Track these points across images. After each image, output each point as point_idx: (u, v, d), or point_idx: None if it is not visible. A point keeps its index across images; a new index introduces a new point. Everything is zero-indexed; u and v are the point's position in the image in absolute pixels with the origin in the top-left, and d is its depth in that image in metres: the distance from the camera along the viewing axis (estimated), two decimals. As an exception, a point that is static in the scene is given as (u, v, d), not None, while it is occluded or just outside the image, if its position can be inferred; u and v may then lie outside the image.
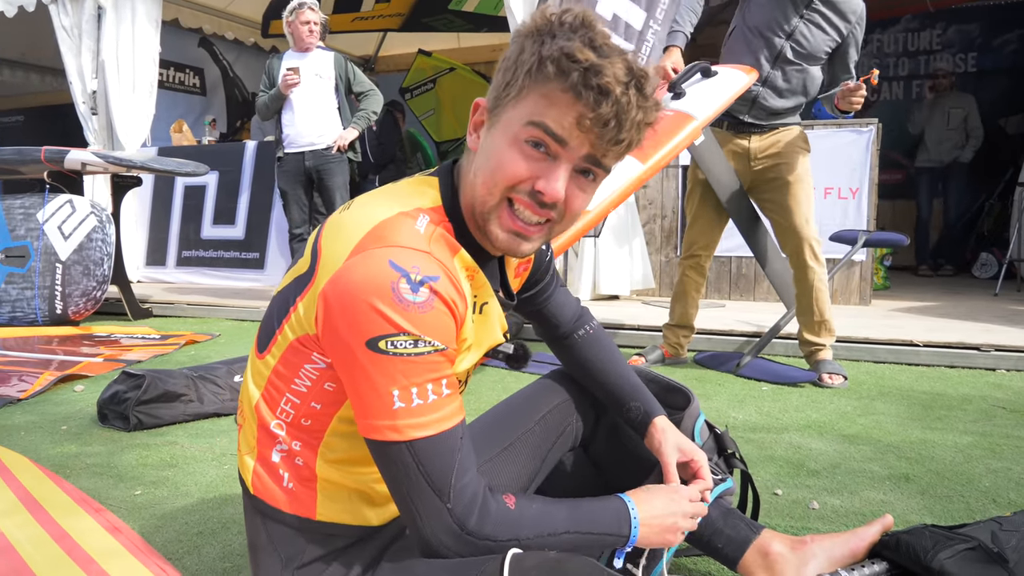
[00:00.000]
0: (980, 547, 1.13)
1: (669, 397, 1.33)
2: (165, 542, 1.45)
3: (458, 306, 0.85)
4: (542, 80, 0.83)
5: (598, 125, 0.82)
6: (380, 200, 0.90)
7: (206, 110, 7.40)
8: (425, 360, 0.81)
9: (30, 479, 1.64)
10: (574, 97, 0.81)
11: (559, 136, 0.83)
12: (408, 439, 0.82)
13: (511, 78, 0.85)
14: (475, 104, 0.92)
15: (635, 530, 0.95)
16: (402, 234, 0.84)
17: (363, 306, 0.79)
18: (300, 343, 0.89)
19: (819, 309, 2.76)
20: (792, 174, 2.70)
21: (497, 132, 0.87)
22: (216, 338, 3.85)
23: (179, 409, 2.31)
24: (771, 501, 1.65)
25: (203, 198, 5.63)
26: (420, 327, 0.80)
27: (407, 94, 8.40)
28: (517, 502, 0.89)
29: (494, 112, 0.88)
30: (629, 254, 4.61)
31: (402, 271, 0.80)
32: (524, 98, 0.84)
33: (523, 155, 0.85)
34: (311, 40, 4.29)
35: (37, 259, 4.07)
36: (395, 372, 0.80)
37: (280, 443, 0.94)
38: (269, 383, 0.94)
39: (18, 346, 3.54)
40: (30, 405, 2.54)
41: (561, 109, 0.82)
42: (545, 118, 0.83)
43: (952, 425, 2.22)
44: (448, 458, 0.83)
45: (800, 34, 2.60)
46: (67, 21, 5.54)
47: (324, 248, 0.87)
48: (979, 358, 3.00)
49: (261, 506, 0.96)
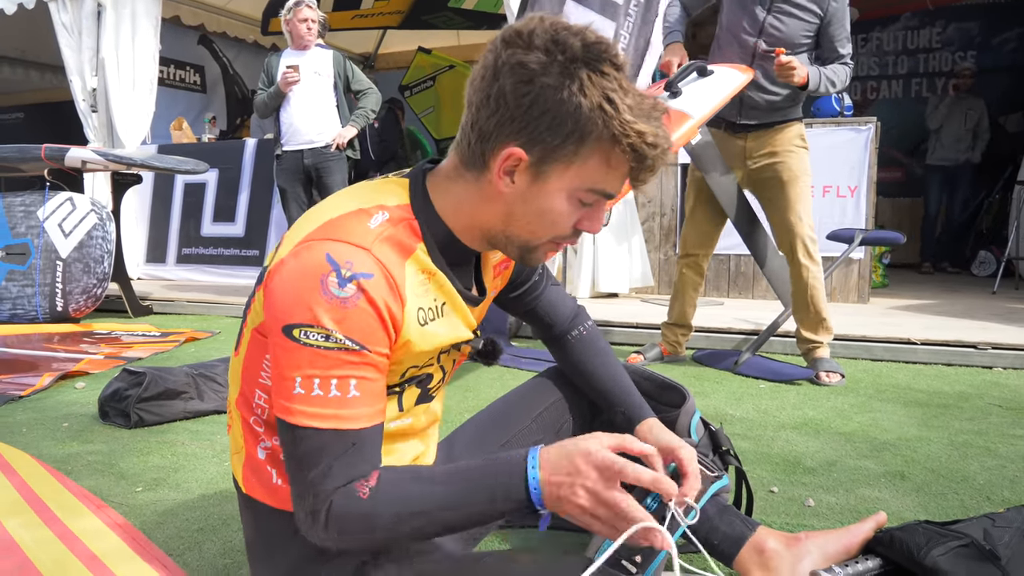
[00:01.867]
0: (973, 544, 1.14)
1: (664, 395, 1.35)
2: (166, 539, 1.46)
3: (390, 307, 0.84)
4: (604, 148, 0.85)
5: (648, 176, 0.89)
6: (347, 196, 0.92)
7: (206, 108, 7.41)
8: (333, 356, 0.82)
9: (32, 476, 1.65)
10: (633, 161, 0.86)
11: (612, 195, 0.90)
12: (297, 424, 0.83)
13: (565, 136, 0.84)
14: (510, 153, 0.86)
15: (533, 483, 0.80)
16: (348, 230, 0.85)
17: (289, 293, 0.82)
18: (259, 332, 0.92)
19: (815, 307, 2.78)
20: (787, 172, 2.71)
21: (548, 188, 0.88)
22: (216, 335, 3.86)
23: (180, 406, 2.33)
24: (767, 498, 1.66)
25: (203, 195, 5.64)
26: (337, 322, 0.81)
27: (407, 92, 8.40)
28: (374, 489, 0.82)
29: (541, 165, 0.86)
30: (628, 252, 4.62)
31: (335, 265, 0.82)
32: (584, 161, 0.86)
33: (577, 208, 0.90)
34: (309, 38, 4.29)
35: (38, 256, 4.08)
36: (301, 361, 0.82)
37: (263, 440, 0.96)
38: (242, 379, 0.96)
39: (19, 343, 3.55)
40: (31, 402, 2.55)
41: (618, 170, 0.87)
42: (605, 185, 0.88)
43: (948, 423, 2.24)
44: (322, 455, 0.82)
45: (771, 27, 2.60)
46: (67, 18, 5.54)
47: (284, 240, 0.90)
48: (976, 356, 3.01)
49: (253, 504, 0.97)
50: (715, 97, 2.50)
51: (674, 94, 2.55)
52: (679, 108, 2.48)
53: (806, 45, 2.65)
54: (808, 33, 2.62)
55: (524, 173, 0.88)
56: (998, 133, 6.55)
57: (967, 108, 6.24)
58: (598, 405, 1.24)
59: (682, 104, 2.49)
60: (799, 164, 2.72)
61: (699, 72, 2.58)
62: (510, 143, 0.86)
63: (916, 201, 6.95)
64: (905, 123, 6.95)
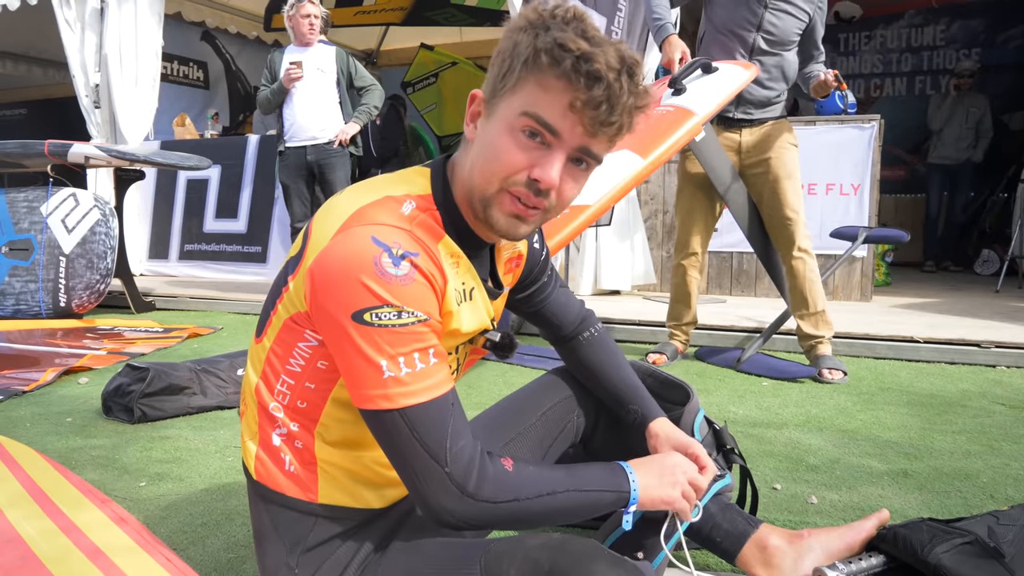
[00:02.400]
0: (977, 541, 1.14)
1: (668, 392, 1.35)
2: (170, 533, 1.46)
3: (437, 279, 0.88)
4: (537, 70, 0.85)
5: (590, 108, 0.84)
6: (371, 186, 0.94)
7: (209, 104, 7.41)
8: (409, 330, 0.84)
9: (36, 470, 1.66)
10: (567, 83, 0.84)
11: (552, 126, 0.86)
12: (400, 407, 0.84)
13: (507, 69, 0.88)
14: (472, 95, 0.94)
15: (634, 483, 0.96)
16: (385, 214, 0.88)
17: (348, 280, 0.83)
18: (293, 321, 0.92)
19: (813, 300, 2.79)
20: (782, 168, 2.75)
21: (494, 123, 0.89)
22: (219, 331, 3.86)
23: (183, 402, 2.33)
24: (770, 496, 1.66)
25: (205, 192, 5.65)
26: (402, 299, 0.83)
27: (409, 88, 8.40)
28: (515, 465, 0.90)
29: (491, 103, 0.91)
30: (630, 249, 4.62)
31: (384, 246, 0.83)
32: (519, 89, 0.87)
33: (519, 145, 0.87)
34: (312, 34, 4.29)
35: (41, 252, 4.09)
36: (381, 342, 0.83)
37: (280, 426, 0.96)
38: (266, 364, 0.96)
39: (22, 339, 3.56)
40: (35, 397, 2.56)
41: (554, 96, 0.85)
42: (538, 108, 0.85)
43: (951, 421, 2.23)
44: (441, 424, 0.86)
45: (769, 23, 2.66)
46: (70, 14, 5.54)
47: (314, 229, 0.91)
48: (979, 355, 3.01)
49: (264, 491, 0.98)
50: (720, 94, 2.49)
51: (678, 91, 2.54)
52: (683, 105, 2.48)
53: (795, 42, 2.73)
54: (799, 31, 2.72)
55: (483, 117, 0.92)
56: (1002, 131, 6.54)
57: (969, 106, 6.22)
58: (607, 404, 1.24)
59: (686, 101, 2.49)
60: (793, 161, 2.78)
61: (704, 69, 2.58)
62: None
63: (918, 199, 6.95)
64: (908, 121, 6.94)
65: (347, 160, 4.38)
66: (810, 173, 4.40)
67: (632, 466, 0.98)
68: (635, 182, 2.36)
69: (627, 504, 0.96)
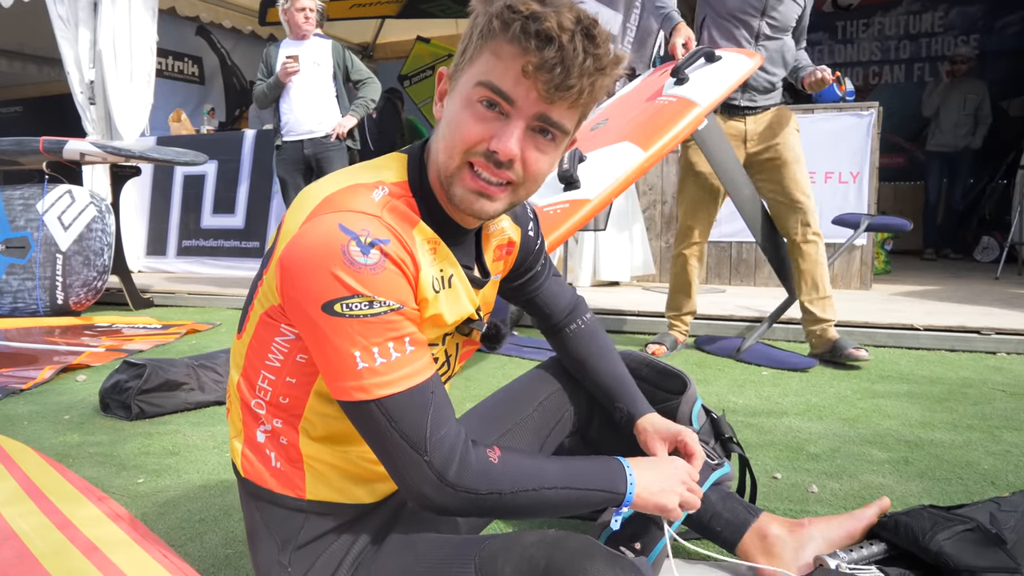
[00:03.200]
0: (979, 528, 1.14)
1: (665, 382, 1.34)
2: (167, 529, 1.46)
3: (408, 266, 0.85)
4: (490, 37, 0.83)
5: (543, 71, 0.80)
6: (343, 174, 0.92)
7: (204, 99, 7.38)
8: (382, 320, 0.82)
9: (33, 468, 1.65)
10: (518, 47, 0.81)
11: (506, 94, 0.83)
12: (375, 398, 0.83)
13: (467, 43, 0.87)
14: (439, 74, 0.92)
15: (631, 486, 0.94)
16: (353, 201, 0.86)
17: (316, 270, 0.81)
18: (268, 316, 0.91)
19: (823, 284, 2.81)
20: (790, 152, 2.76)
21: (455, 97, 0.88)
22: (217, 327, 3.86)
23: (180, 398, 2.32)
24: (770, 485, 1.65)
25: (203, 187, 5.63)
26: (373, 288, 0.81)
27: (406, 81, 8.37)
28: (501, 456, 0.88)
29: (453, 78, 0.89)
30: (629, 240, 4.61)
31: (351, 234, 0.81)
32: (475, 59, 0.85)
33: (476, 116, 0.85)
34: (307, 27, 4.26)
35: (37, 250, 4.07)
36: (353, 333, 0.81)
37: (263, 422, 0.95)
38: (246, 361, 0.95)
39: (20, 337, 3.55)
40: (32, 395, 2.55)
41: (507, 62, 0.82)
42: (491, 76, 0.83)
43: (952, 408, 2.23)
44: (420, 412, 0.84)
45: (772, 9, 2.70)
46: (63, 10, 5.51)
47: (285, 221, 0.89)
48: (979, 342, 3.00)
49: (253, 489, 0.97)
50: (723, 83, 2.47)
51: (680, 81, 2.52)
52: (686, 96, 2.46)
53: (793, 27, 2.78)
54: (796, 17, 2.76)
55: (448, 93, 0.90)
56: (1001, 117, 6.51)
57: (966, 93, 6.19)
58: (597, 399, 1.23)
59: (689, 91, 2.47)
60: (799, 145, 2.80)
61: (707, 58, 2.56)
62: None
63: (917, 187, 6.93)
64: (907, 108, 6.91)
65: (344, 154, 4.36)
66: (809, 161, 4.32)
67: (632, 466, 0.96)
68: (636, 175, 2.33)
69: (620, 504, 0.95)
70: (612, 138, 2.46)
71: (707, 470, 1.20)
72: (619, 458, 0.97)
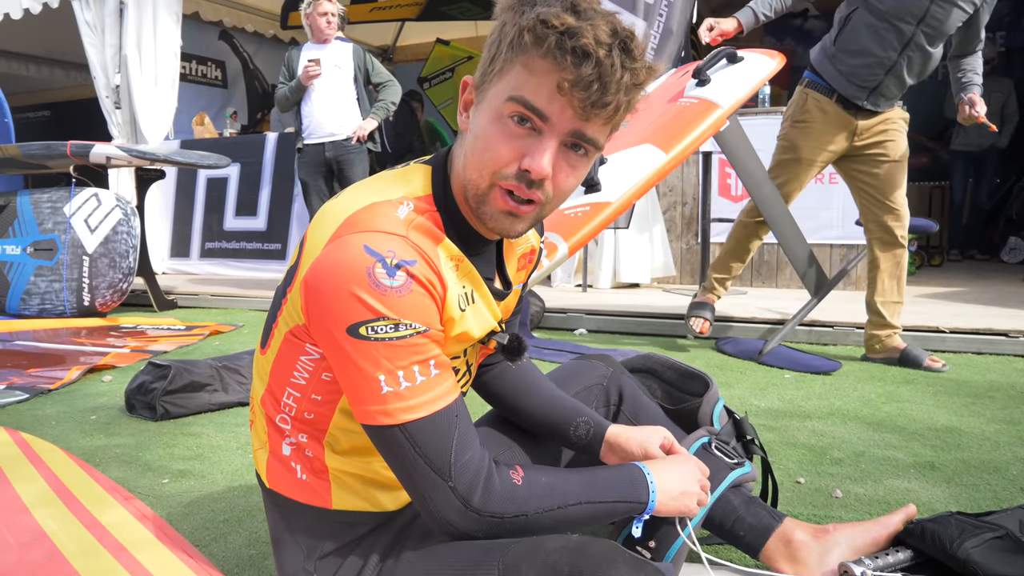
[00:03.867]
0: (1008, 536, 1.12)
1: (688, 383, 1.33)
2: (192, 529, 1.47)
3: (436, 287, 0.84)
4: (522, 51, 0.80)
5: (580, 88, 0.78)
6: (367, 188, 0.90)
7: (227, 102, 7.46)
8: (407, 343, 0.81)
9: (62, 468, 1.68)
10: (553, 63, 0.78)
11: (540, 111, 0.80)
12: (400, 422, 0.82)
13: (494, 53, 0.83)
14: (463, 82, 0.89)
15: (653, 495, 0.94)
16: (378, 220, 0.83)
17: (341, 293, 0.80)
18: (293, 335, 0.90)
19: (900, 289, 2.78)
20: (897, 152, 2.71)
21: (483, 110, 0.85)
22: (240, 328, 3.89)
23: (204, 399, 2.35)
24: (794, 489, 1.64)
25: (225, 190, 5.69)
26: (399, 311, 0.80)
27: (426, 83, 8.40)
28: (525, 476, 0.88)
29: (480, 89, 0.86)
30: (650, 242, 4.59)
31: (377, 255, 0.80)
32: (506, 72, 0.82)
33: (507, 134, 0.82)
34: (329, 31, 4.30)
35: (65, 252, 4.14)
36: (379, 357, 0.80)
37: (288, 437, 0.95)
38: (271, 377, 0.95)
39: (47, 338, 3.61)
40: (60, 396, 2.59)
41: (541, 77, 0.79)
42: (524, 91, 0.80)
43: (979, 412, 2.19)
44: (444, 437, 0.83)
45: (933, 17, 2.49)
46: (90, 16, 5.60)
47: (308, 238, 0.88)
48: (1007, 344, 2.95)
49: (278, 499, 0.98)
50: (746, 85, 2.45)
51: (702, 82, 2.51)
52: (707, 97, 2.44)
53: (949, 36, 2.61)
54: (959, 24, 2.55)
55: (474, 106, 0.87)
56: (1028, 116, 6.40)
57: (991, 91, 6.08)
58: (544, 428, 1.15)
59: (710, 93, 2.45)
60: (905, 144, 2.73)
61: (728, 59, 2.54)
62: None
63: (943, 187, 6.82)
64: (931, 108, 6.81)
65: (365, 156, 4.39)
66: (832, 162, 4.33)
67: (652, 472, 0.96)
68: (658, 177, 2.32)
69: (643, 512, 0.95)
70: (633, 140, 2.46)
71: (726, 469, 1.19)
72: (638, 464, 0.97)
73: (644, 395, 1.29)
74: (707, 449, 1.19)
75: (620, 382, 1.27)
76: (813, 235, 4.29)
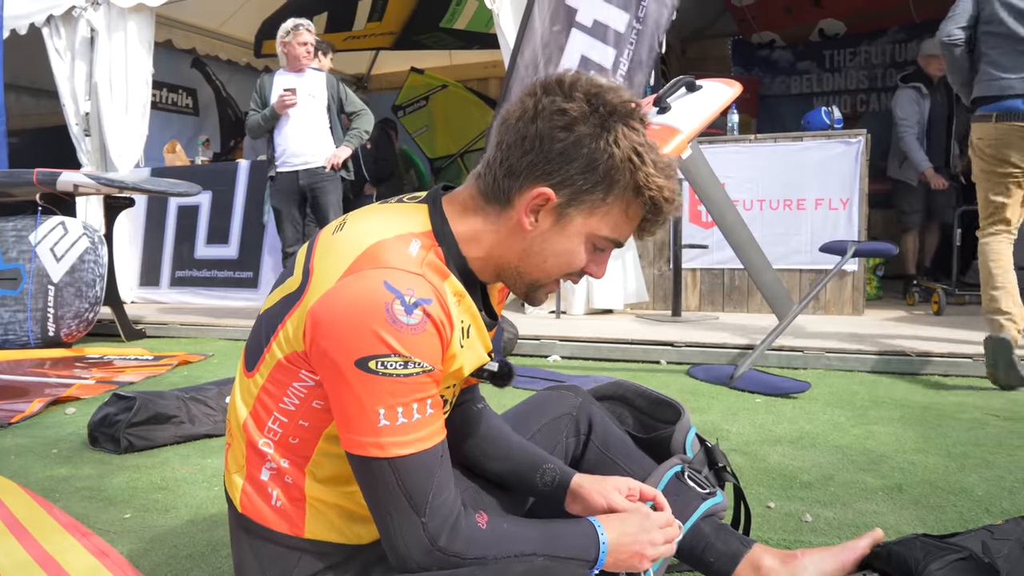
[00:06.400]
0: (971, 557, 1.13)
1: (659, 411, 1.33)
2: (154, 566, 1.44)
3: (446, 328, 0.87)
4: (627, 198, 0.91)
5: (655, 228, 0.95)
6: (373, 221, 0.92)
7: (199, 130, 7.42)
8: (413, 381, 0.83)
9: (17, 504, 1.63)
10: (645, 213, 0.92)
11: (622, 243, 0.95)
12: (390, 456, 0.83)
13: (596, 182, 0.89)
14: (541, 193, 0.90)
15: (602, 555, 0.95)
16: (397, 256, 0.86)
17: (356, 325, 0.81)
18: (288, 361, 0.90)
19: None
20: None
21: (571, 230, 0.92)
22: (209, 358, 3.84)
23: (170, 431, 2.30)
24: (764, 514, 1.64)
25: (196, 218, 5.64)
26: (411, 349, 0.82)
27: (400, 112, 8.44)
28: (489, 522, 0.90)
29: (568, 206, 0.91)
30: (622, 268, 4.62)
31: (397, 293, 0.82)
32: (608, 210, 0.91)
33: (588, 251, 0.94)
34: (307, 60, 4.33)
35: (29, 281, 4.06)
36: (383, 392, 0.82)
37: (269, 461, 0.94)
38: (258, 401, 0.94)
39: (10, 369, 3.52)
40: (21, 428, 2.53)
41: (635, 223, 0.94)
42: (620, 234, 0.94)
43: (945, 434, 2.22)
44: (427, 476, 0.85)
45: None
46: (60, 43, 5.57)
47: (316, 267, 0.89)
48: (972, 367, 3.00)
49: (248, 524, 0.96)
50: (704, 111, 2.51)
51: (663, 110, 2.56)
52: (668, 123, 2.49)
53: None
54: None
55: (549, 214, 0.92)
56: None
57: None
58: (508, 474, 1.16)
59: (671, 119, 2.50)
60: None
61: (687, 87, 2.60)
62: (540, 183, 0.90)
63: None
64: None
65: (339, 184, 4.40)
66: (799, 188, 4.42)
67: (606, 529, 0.96)
68: None
69: (592, 568, 0.95)
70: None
71: (698, 499, 1.19)
72: (592, 521, 0.98)
73: (614, 424, 1.30)
74: (679, 478, 1.20)
75: (589, 412, 1.28)
76: (782, 260, 4.36)
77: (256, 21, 6.88)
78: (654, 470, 1.20)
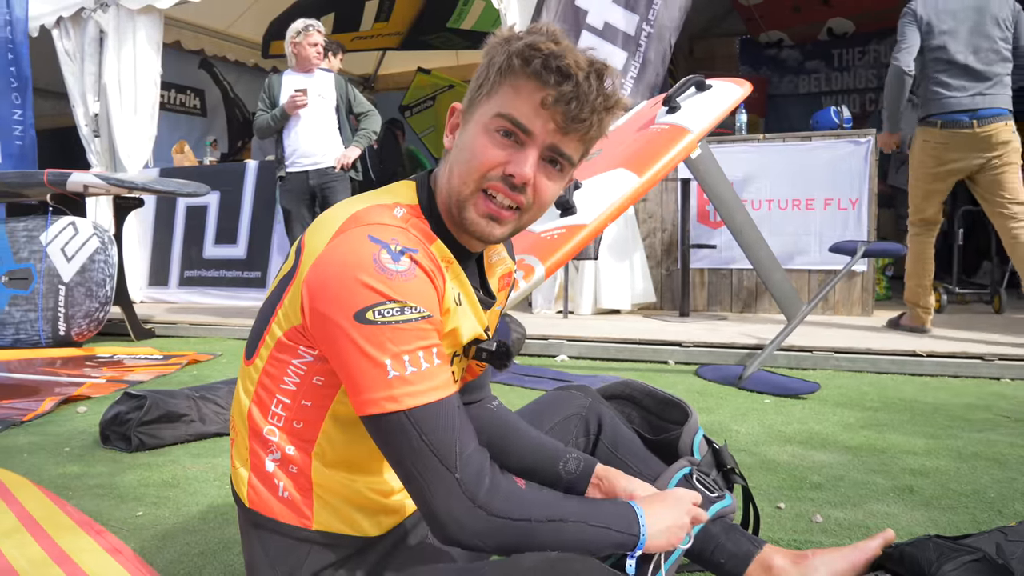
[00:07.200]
0: (985, 558, 1.12)
1: (667, 411, 1.33)
2: (166, 563, 1.44)
3: (437, 277, 0.88)
4: (510, 74, 0.89)
5: (561, 104, 0.87)
6: (359, 198, 0.95)
7: (207, 131, 7.45)
8: (413, 327, 0.83)
9: (31, 501, 1.64)
10: (538, 82, 0.87)
11: (524, 125, 0.89)
12: (406, 407, 0.83)
13: (483, 79, 0.92)
14: (452, 108, 0.98)
15: (644, 529, 0.94)
16: (379, 216, 0.89)
17: (347, 280, 0.82)
18: (287, 337, 0.91)
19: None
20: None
21: (470, 127, 0.93)
22: (218, 357, 3.85)
23: (181, 429, 2.31)
24: (774, 515, 1.64)
25: (205, 218, 5.66)
26: (404, 294, 0.83)
27: (407, 112, 8.46)
28: (528, 484, 0.90)
29: (467, 112, 0.94)
30: (630, 268, 4.61)
31: (382, 243, 0.84)
32: (494, 94, 0.90)
33: (494, 143, 0.90)
34: (317, 61, 4.36)
35: (40, 281, 4.09)
36: (385, 340, 0.82)
37: (274, 450, 0.94)
38: (259, 386, 0.95)
39: (21, 368, 3.55)
40: (33, 427, 2.54)
41: (526, 95, 0.88)
42: (512, 109, 0.89)
43: (956, 435, 2.21)
44: (449, 426, 0.84)
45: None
46: (69, 45, 5.60)
47: (307, 243, 0.91)
48: (983, 368, 2.99)
49: (257, 518, 0.96)
50: (714, 111, 2.50)
51: (672, 109, 2.55)
52: (678, 123, 2.49)
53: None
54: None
55: (460, 124, 0.95)
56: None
57: None
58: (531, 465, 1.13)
59: (680, 119, 2.50)
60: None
61: (697, 86, 2.59)
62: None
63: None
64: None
65: (348, 184, 4.41)
66: (808, 188, 4.41)
67: (642, 508, 0.96)
68: (631, 200, 2.36)
69: (633, 548, 0.94)
70: (607, 165, 2.49)
71: (707, 503, 1.19)
72: (630, 502, 0.97)
73: (623, 424, 1.29)
74: (688, 481, 1.19)
75: (599, 412, 1.28)
76: (791, 261, 4.35)
77: (264, 22, 6.90)
78: (663, 472, 1.20)
